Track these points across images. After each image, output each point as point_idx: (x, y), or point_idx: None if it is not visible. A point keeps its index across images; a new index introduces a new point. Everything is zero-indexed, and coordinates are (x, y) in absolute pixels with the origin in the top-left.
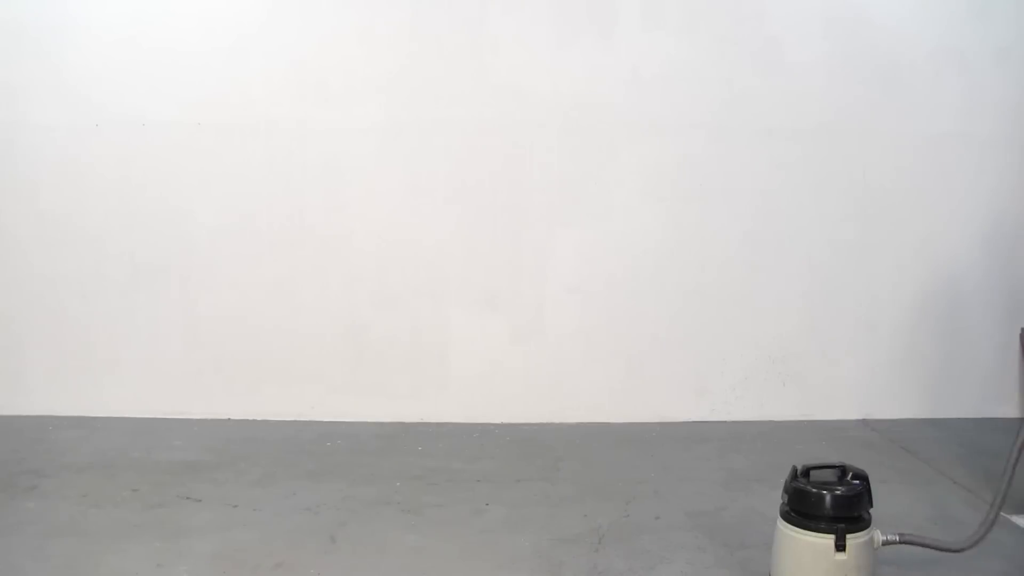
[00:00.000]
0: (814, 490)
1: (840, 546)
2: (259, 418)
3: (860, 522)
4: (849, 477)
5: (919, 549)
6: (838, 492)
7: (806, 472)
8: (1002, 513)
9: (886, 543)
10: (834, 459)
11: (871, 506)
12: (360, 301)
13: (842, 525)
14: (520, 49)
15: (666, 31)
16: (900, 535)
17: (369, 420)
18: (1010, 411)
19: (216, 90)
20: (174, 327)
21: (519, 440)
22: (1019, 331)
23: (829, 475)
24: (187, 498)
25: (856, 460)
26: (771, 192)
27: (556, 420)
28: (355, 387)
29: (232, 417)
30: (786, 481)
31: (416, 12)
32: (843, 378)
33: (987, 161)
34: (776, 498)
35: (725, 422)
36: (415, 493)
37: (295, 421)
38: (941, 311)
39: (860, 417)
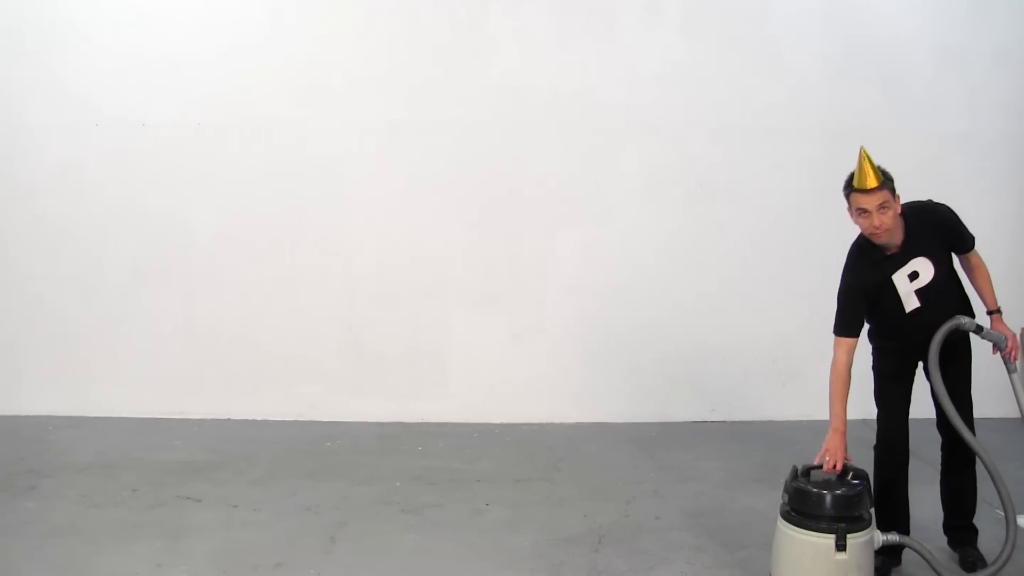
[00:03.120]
0: (814, 490)
1: (841, 546)
2: (259, 418)
3: (860, 522)
4: (849, 477)
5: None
6: (838, 492)
7: (806, 472)
8: (1000, 512)
9: (886, 543)
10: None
11: (871, 506)
12: (360, 301)
13: (843, 525)
14: (520, 49)
15: (666, 31)
16: (900, 536)
17: (369, 420)
18: (1010, 411)
19: (216, 90)
20: (174, 327)
21: (519, 440)
22: (1019, 331)
23: (829, 475)
24: (187, 498)
25: (856, 460)
26: (771, 192)
27: (556, 420)
28: (355, 387)
29: (232, 417)
30: (786, 481)
31: (416, 12)
32: None
33: (987, 161)
34: (776, 498)
35: (725, 422)
36: (415, 493)
37: (295, 421)
38: None
39: (860, 417)
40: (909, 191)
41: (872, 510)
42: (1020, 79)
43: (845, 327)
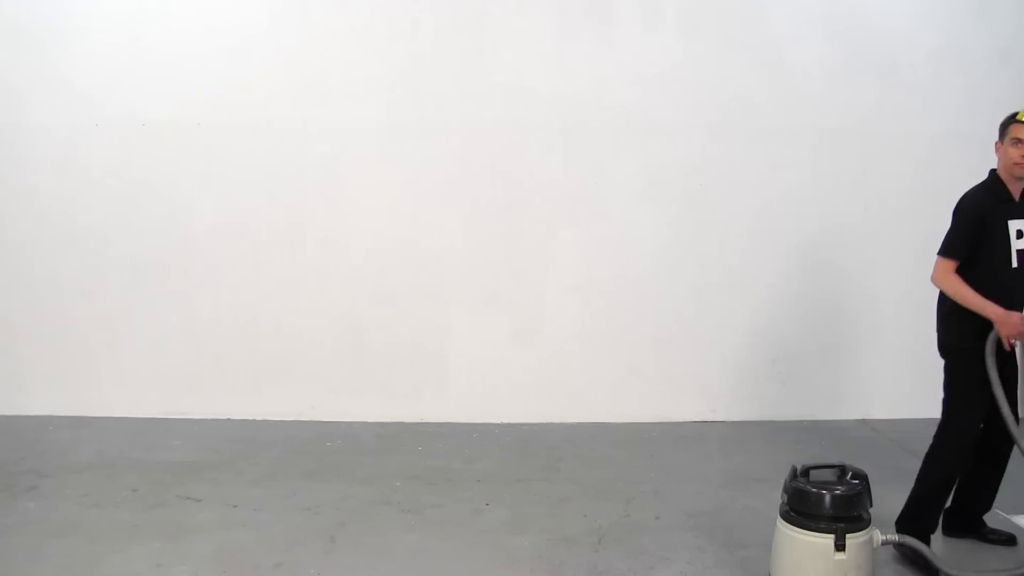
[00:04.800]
0: (814, 490)
1: (840, 546)
2: (259, 418)
3: (859, 522)
4: (848, 477)
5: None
6: (837, 492)
7: (806, 472)
8: (1001, 512)
9: (885, 543)
10: (834, 459)
11: (871, 506)
12: (360, 301)
13: (841, 525)
14: (520, 49)
15: (666, 31)
16: (900, 536)
17: (369, 420)
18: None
19: (216, 90)
20: (174, 327)
21: (519, 440)
22: None
23: (829, 475)
24: (187, 498)
25: (856, 460)
26: (771, 192)
27: (556, 420)
28: (355, 387)
29: (232, 417)
30: (786, 481)
31: (416, 12)
32: (843, 378)
33: (987, 161)
34: (776, 498)
35: (725, 422)
36: (415, 493)
37: (295, 421)
38: None
39: (860, 417)
40: (909, 191)
41: (871, 509)
42: (1020, 79)
43: (953, 248)
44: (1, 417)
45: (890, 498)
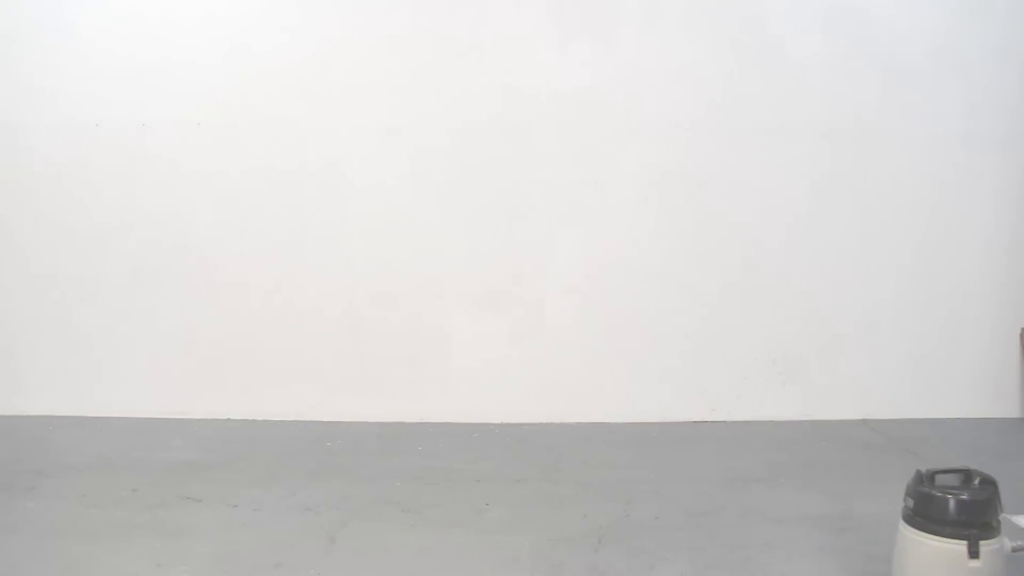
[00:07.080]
0: (948, 495)
1: (974, 553)
2: (259, 418)
3: (991, 529)
4: (976, 482)
5: None
6: (972, 498)
7: (931, 476)
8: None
9: (1015, 550)
10: (958, 464)
11: (1001, 511)
12: (360, 300)
13: (975, 531)
14: (520, 49)
15: (666, 31)
16: None
17: (369, 420)
18: (1010, 411)
19: (216, 90)
20: (173, 327)
21: (519, 440)
22: (1019, 331)
23: (955, 479)
24: (187, 498)
25: (856, 460)
26: (771, 192)
27: (556, 420)
28: (355, 387)
29: (232, 417)
30: (910, 484)
31: (416, 12)
32: (843, 378)
33: (987, 161)
34: (776, 498)
35: (725, 422)
36: (415, 493)
37: (295, 421)
38: (941, 311)
39: (860, 417)
40: (908, 190)
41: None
42: (1021, 79)
43: None
44: (1, 417)
45: (892, 498)
